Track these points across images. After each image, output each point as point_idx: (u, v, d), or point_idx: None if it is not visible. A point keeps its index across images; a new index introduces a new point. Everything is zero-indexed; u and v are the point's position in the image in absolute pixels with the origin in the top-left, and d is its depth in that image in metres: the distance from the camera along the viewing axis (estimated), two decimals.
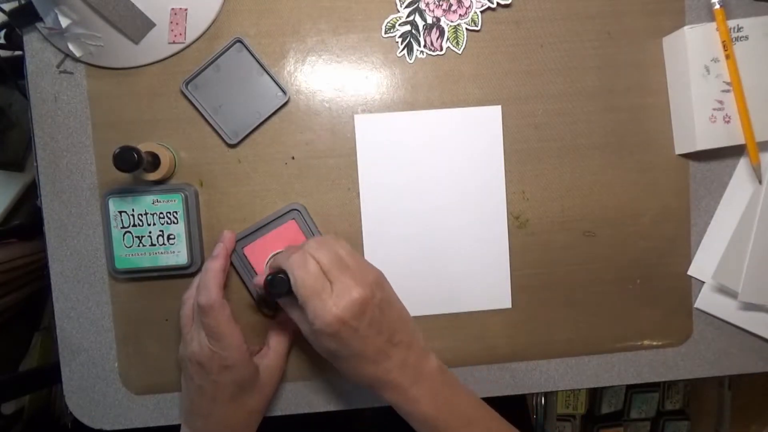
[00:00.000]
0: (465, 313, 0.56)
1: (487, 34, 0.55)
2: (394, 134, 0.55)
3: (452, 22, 0.54)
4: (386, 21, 0.54)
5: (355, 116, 0.55)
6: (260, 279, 0.46)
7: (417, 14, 0.54)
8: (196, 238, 0.53)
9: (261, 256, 0.54)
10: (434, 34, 0.54)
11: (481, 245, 0.55)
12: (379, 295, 0.42)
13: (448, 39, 0.54)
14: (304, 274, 0.40)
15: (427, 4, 0.54)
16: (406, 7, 0.54)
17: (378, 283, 0.43)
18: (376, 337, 0.41)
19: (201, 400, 0.47)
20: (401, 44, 0.54)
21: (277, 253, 0.52)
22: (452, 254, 0.55)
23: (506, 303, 0.56)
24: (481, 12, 0.54)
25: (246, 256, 0.54)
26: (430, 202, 0.55)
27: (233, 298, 0.55)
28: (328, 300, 0.39)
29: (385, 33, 0.54)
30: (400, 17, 0.54)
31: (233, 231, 0.53)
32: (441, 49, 0.55)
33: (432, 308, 0.56)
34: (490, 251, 0.56)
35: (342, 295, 0.40)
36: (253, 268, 0.54)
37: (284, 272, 0.42)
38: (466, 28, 0.54)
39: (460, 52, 0.55)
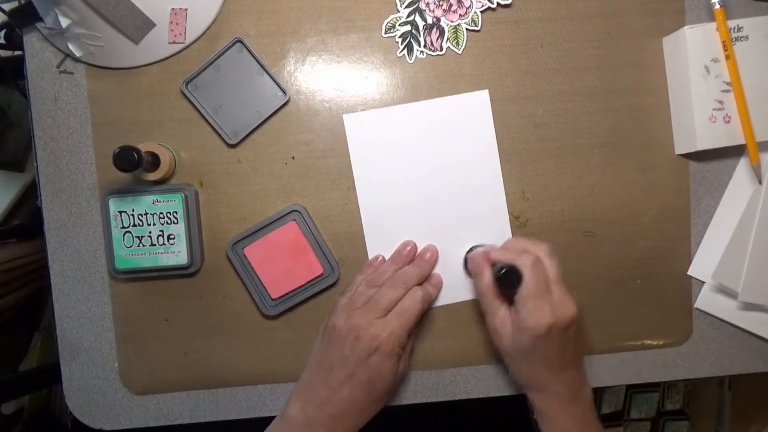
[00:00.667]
0: (468, 304, 0.56)
1: (487, 34, 0.55)
2: (384, 130, 0.55)
3: (452, 22, 0.54)
4: (386, 21, 0.54)
5: (344, 116, 0.54)
6: (483, 265, 0.48)
7: (417, 14, 0.54)
8: (196, 238, 0.53)
9: (261, 256, 0.54)
10: (434, 34, 0.54)
11: (482, 234, 0.55)
12: (577, 319, 0.47)
13: (448, 39, 0.54)
14: (536, 276, 0.45)
15: (427, 4, 0.54)
16: (406, 7, 0.54)
17: (579, 309, 0.47)
18: (566, 351, 0.47)
19: (339, 372, 0.48)
20: (401, 44, 0.54)
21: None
22: (454, 244, 0.55)
23: None
24: (481, 12, 0.54)
25: (246, 257, 0.54)
26: (427, 195, 0.55)
27: (233, 299, 0.55)
28: (547, 305, 0.45)
29: (385, 33, 0.54)
30: (400, 17, 0.54)
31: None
32: (441, 49, 0.55)
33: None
34: (493, 240, 0.55)
35: (562, 305, 0.45)
36: (253, 268, 0.54)
37: (514, 267, 0.45)
38: (466, 28, 0.54)
39: (460, 52, 0.55)
